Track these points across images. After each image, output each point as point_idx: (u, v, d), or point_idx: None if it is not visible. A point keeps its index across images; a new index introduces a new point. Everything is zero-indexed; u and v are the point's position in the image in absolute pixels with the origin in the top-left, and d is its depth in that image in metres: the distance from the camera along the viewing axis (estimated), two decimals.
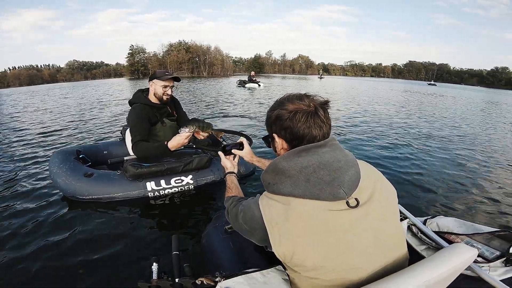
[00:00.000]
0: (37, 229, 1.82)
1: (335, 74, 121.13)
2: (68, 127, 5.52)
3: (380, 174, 0.72)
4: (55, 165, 2.09)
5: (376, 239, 0.61)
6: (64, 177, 2.01)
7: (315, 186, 0.60)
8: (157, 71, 2.00)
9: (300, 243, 0.59)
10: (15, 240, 1.71)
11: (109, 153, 2.51)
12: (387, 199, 0.67)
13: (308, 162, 0.62)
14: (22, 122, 6.37)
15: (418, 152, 3.90)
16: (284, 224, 0.60)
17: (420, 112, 8.77)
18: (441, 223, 0.99)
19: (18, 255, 1.56)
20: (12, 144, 4.25)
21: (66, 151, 2.30)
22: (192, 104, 9.01)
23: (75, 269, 1.46)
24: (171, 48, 62.07)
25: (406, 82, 62.41)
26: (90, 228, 1.82)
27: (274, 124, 0.72)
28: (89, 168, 2.13)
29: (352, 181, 0.62)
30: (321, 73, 61.38)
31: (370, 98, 12.59)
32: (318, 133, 0.66)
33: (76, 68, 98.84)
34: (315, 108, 0.67)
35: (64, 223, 1.86)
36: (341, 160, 0.63)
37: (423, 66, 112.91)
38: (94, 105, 9.35)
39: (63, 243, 1.67)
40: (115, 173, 2.09)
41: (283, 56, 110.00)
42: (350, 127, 5.50)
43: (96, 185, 1.99)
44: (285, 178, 0.64)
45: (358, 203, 0.61)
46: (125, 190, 2.01)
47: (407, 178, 2.86)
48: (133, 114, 1.98)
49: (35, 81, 75.34)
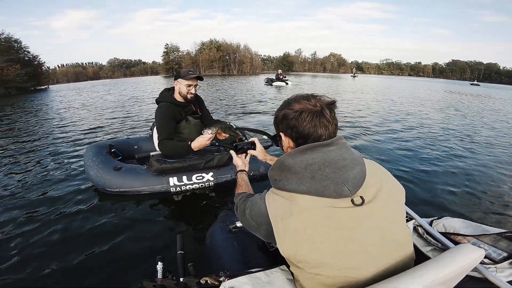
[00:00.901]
0: (62, 216, 2.00)
1: (370, 72, 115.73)
2: (107, 122, 5.96)
3: (388, 174, 0.72)
4: (89, 158, 2.25)
5: (381, 238, 0.61)
6: (96, 169, 2.15)
7: (319, 183, 0.61)
8: (182, 71, 2.07)
9: (304, 238, 0.59)
10: (40, 222, 1.92)
11: (138, 148, 2.65)
12: (394, 198, 0.67)
13: (313, 160, 0.63)
14: (67, 117, 7.00)
15: (433, 151, 3.82)
16: (288, 220, 0.61)
17: (449, 112, 8.26)
18: (448, 224, 0.97)
19: (35, 238, 1.75)
20: (56, 137, 4.70)
21: (99, 145, 2.46)
22: (221, 101, 9.21)
23: (82, 266, 1.52)
24: (203, 46, 63.94)
25: (446, 82, 58.24)
26: (108, 221, 1.92)
27: (281, 123, 0.74)
28: (119, 162, 2.26)
29: (357, 179, 0.62)
30: (355, 72, 58.63)
31: (402, 98, 11.81)
32: (324, 133, 0.68)
33: (117, 66, 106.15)
34: (321, 108, 0.68)
35: (87, 215, 2.00)
36: (347, 159, 0.64)
37: (468, 65, 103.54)
38: (131, 101, 9.98)
39: (78, 234, 1.80)
40: (141, 168, 2.19)
41: (313, 54, 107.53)
42: (372, 126, 5.31)
43: (124, 179, 2.11)
44: (291, 175, 0.65)
45: (363, 201, 0.61)
46: (149, 184, 2.11)
47: (418, 178, 2.82)
48: (159, 113, 2.06)
49: (81, 78, 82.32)
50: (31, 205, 2.18)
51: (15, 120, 6.92)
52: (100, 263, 1.54)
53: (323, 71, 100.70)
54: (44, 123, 6.23)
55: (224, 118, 6.20)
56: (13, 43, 26.42)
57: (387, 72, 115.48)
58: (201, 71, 61.00)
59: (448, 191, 2.55)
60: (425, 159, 3.47)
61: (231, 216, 1.30)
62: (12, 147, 4.13)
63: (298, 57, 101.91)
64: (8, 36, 26.11)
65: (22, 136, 4.84)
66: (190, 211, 2.10)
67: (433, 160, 3.44)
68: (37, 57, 29.60)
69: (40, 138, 4.66)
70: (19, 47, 27.35)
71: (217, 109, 7.45)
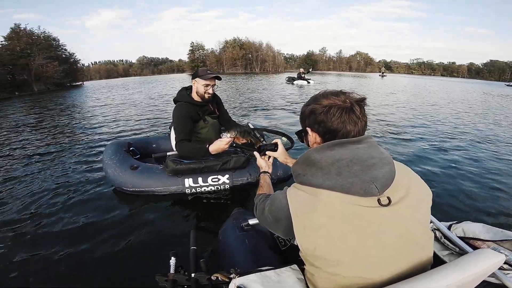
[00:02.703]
0: (77, 212, 2.04)
1: (399, 72, 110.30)
2: (132, 119, 6.15)
3: (417, 176, 0.69)
4: (108, 156, 2.26)
5: (403, 241, 0.59)
6: (114, 168, 2.16)
7: (346, 179, 0.59)
8: (199, 69, 2.00)
9: (325, 235, 0.58)
10: (52, 217, 1.97)
11: (157, 147, 2.66)
12: (421, 201, 0.64)
13: (341, 156, 0.61)
14: (97, 114, 7.34)
15: (457, 154, 3.66)
16: (310, 215, 0.60)
17: (477, 113, 7.75)
18: (467, 228, 0.93)
19: (47, 234, 1.80)
20: (85, 133, 4.91)
21: (118, 143, 2.48)
22: (240, 99, 9.23)
23: (97, 258, 1.56)
24: (226, 45, 64.60)
25: (482, 82, 54.41)
26: (125, 218, 1.95)
27: (308, 118, 0.73)
28: (136, 161, 2.26)
29: (386, 178, 0.59)
30: (383, 71, 55.97)
31: (434, 98, 11.03)
32: (353, 129, 0.66)
33: (145, 64, 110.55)
34: (351, 104, 0.66)
35: (104, 212, 2.03)
36: (376, 157, 0.62)
37: (508, 65, 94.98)
38: (158, 99, 10.19)
39: (94, 230, 1.83)
40: (157, 167, 2.17)
41: (338, 53, 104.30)
42: (397, 126, 5.00)
43: (140, 178, 2.10)
44: (316, 170, 0.63)
45: (390, 202, 0.59)
46: (164, 185, 2.08)
47: (442, 181, 2.71)
48: (177, 113, 2.01)
49: (111, 75, 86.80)
50: (47, 198, 2.26)
51: (51, 115, 7.39)
52: (115, 256, 1.58)
53: (349, 70, 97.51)
54: (74, 119, 6.57)
55: (242, 116, 6.20)
56: (52, 41, 28.44)
57: (417, 72, 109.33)
58: (225, 69, 61.88)
59: (471, 195, 2.44)
60: (449, 161, 3.34)
61: (244, 214, 1.32)
62: (45, 141, 4.38)
63: (322, 55, 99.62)
64: (47, 34, 28.16)
65: (54, 132, 5.13)
66: (204, 211, 2.06)
67: (456, 162, 3.30)
68: (73, 54, 31.68)
69: (69, 133, 4.90)
70: (57, 45, 29.41)
71: (235, 107, 7.47)
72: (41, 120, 6.46)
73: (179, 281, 0.82)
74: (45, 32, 27.84)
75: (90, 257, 1.57)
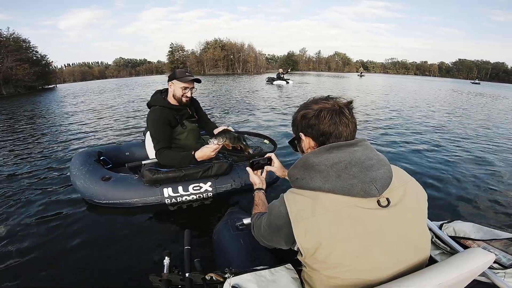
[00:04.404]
0: (50, 230, 1.84)
1: (375, 71, 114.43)
2: (105, 125, 5.77)
3: (412, 178, 0.70)
4: (75, 167, 2.07)
5: (402, 242, 0.59)
6: (83, 179, 1.98)
7: (346, 181, 0.58)
8: (177, 71, 1.85)
9: (326, 237, 0.57)
10: (27, 238, 1.76)
11: (131, 155, 2.48)
12: (418, 202, 0.65)
13: (339, 159, 0.61)
14: (68, 120, 6.90)
15: (442, 153, 3.72)
16: (310, 218, 0.59)
17: (441, 107, 8.33)
18: (458, 228, 0.95)
19: (28, 256, 1.60)
20: (52, 141, 4.55)
21: (87, 153, 2.28)
22: (220, 99, 9.12)
23: (86, 265, 1.50)
24: (207, 46, 63.96)
25: (450, 80, 58.23)
26: (106, 229, 1.81)
27: (300, 124, 0.73)
28: (108, 171, 2.09)
29: (385, 179, 0.60)
30: (361, 71, 57.62)
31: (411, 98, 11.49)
32: (344, 130, 0.67)
33: (122, 65, 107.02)
34: (340, 107, 0.68)
35: (81, 226, 1.86)
36: (373, 159, 0.62)
37: (475, 64, 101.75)
38: (133, 103, 9.72)
39: (75, 243, 1.69)
40: (132, 177, 2.01)
41: (318, 53, 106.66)
42: (381, 127, 5.07)
43: (113, 190, 1.93)
44: (315, 173, 0.62)
45: (389, 203, 0.59)
46: (142, 196, 1.93)
47: (431, 181, 2.73)
48: (152, 118, 1.85)
49: (87, 77, 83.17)
50: (11, 217, 2.01)
51: (17, 121, 6.84)
52: (104, 261, 1.53)
53: (328, 70, 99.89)
54: (43, 125, 6.12)
55: (222, 118, 6.09)
56: (21, 42, 26.79)
57: (392, 71, 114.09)
58: (206, 71, 61.18)
59: (461, 195, 2.45)
60: (436, 160, 3.36)
61: (238, 214, 1.30)
62: (7, 149, 4.00)
63: (302, 56, 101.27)
64: (17, 36, 26.50)
65: (20, 139, 4.73)
66: (187, 221, 1.94)
67: (444, 162, 3.32)
68: (45, 56, 30.10)
69: (36, 141, 4.52)
70: (28, 47, 27.76)
71: (214, 108, 7.35)
72: (6, 127, 5.96)
73: (173, 281, 0.80)
74: (14, 34, 26.29)
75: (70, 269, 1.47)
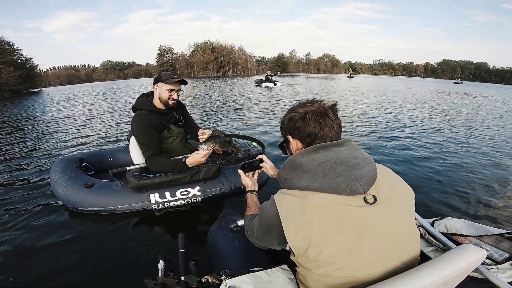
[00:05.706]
0: (33, 240, 1.75)
1: (363, 73, 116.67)
2: (89, 130, 5.57)
3: (397, 176, 0.71)
4: (56, 174, 1.99)
5: (391, 239, 0.61)
6: (64, 187, 1.90)
7: (332, 180, 0.60)
8: (162, 73, 1.81)
9: (316, 236, 0.58)
10: (11, 249, 1.68)
11: (114, 161, 2.40)
12: (405, 199, 0.67)
13: (326, 158, 0.64)
14: (52, 125, 6.67)
15: (430, 151, 3.77)
16: (300, 217, 0.60)
17: (423, 109, 8.45)
18: (450, 224, 0.96)
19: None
20: (34, 147, 4.39)
21: (68, 159, 2.20)
22: (208, 101, 9.07)
23: (80, 270, 1.47)
24: (197, 48, 63.58)
25: (433, 81, 59.85)
26: (91, 236, 1.76)
27: (287, 127, 0.76)
28: (90, 178, 2.01)
29: (370, 176, 0.61)
30: (351, 72, 58.59)
31: (398, 99, 11.76)
32: (329, 131, 0.70)
33: (110, 68, 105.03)
34: (324, 109, 0.71)
35: (63, 234, 1.78)
36: (358, 157, 0.65)
37: (459, 64, 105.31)
38: (120, 108, 9.48)
39: (59, 252, 1.63)
40: (117, 184, 1.94)
41: (307, 55, 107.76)
42: (371, 128, 5.16)
43: (97, 197, 1.86)
44: (302, 173, 0.64)
45: (375, 200, 0.61)
46: (127, 203, 1.87)
47: (420, 178, 2.79)
48: (138, 124, 1.79)
49: (73, 80, 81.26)
50: None
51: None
52: (100, 264, 1.51)
53: (317, 71, 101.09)
54: (26, 130, 5.91)
55: (208, 120, 6.06)
56: (5, 45, 26.01)
57: (379, 72, 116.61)
58: (196, 73, 60.77)
59: (451, 192, 2.49)
60: (425, 159, 3.41)
61: (232, 215, 1.30)
62: None
63: (292, 58, 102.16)
64: (1, 38, 25.66)
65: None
66: (177, 227, 1.89)
67: (433, 160, 3.37)
68: (30, 59, 29.33)
69: (18, 148, 4.34)
70: (12, 50, 26.95)
71: (202, 111, 7.29)
72: None
73: (169, 284, 0.80)
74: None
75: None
